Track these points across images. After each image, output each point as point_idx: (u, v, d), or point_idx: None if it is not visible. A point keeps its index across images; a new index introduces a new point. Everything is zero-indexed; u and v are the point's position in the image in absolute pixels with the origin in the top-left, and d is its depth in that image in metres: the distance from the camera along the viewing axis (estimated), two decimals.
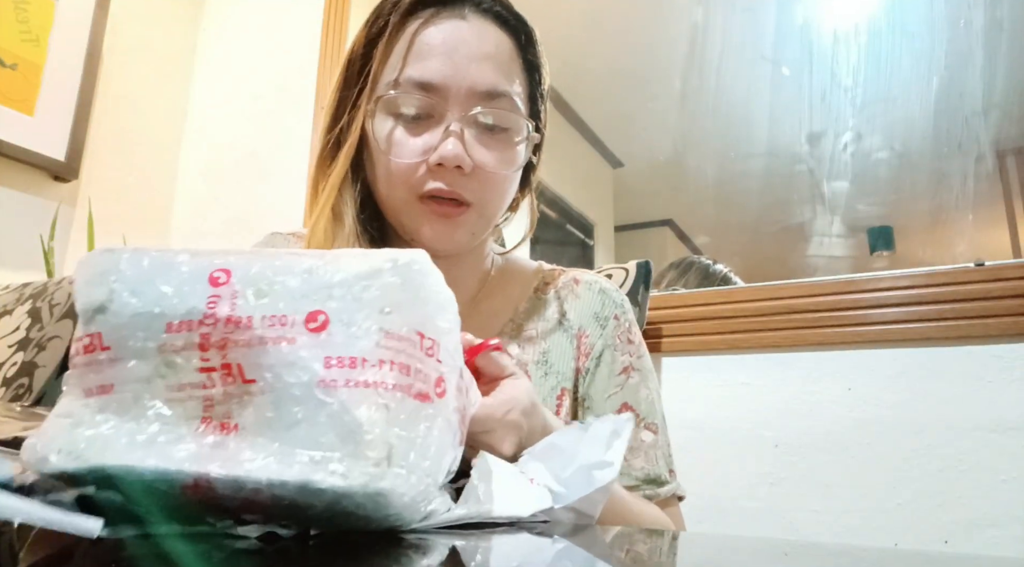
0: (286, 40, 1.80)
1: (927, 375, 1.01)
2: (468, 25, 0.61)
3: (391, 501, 0.28)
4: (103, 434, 0.27)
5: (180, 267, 0.29)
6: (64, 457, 0.27)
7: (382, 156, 0.61)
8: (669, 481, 0.66)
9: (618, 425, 0.42)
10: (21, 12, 1.52)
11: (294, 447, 0.27)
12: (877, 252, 2.48)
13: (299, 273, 0.29)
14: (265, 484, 0.26)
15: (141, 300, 0.28)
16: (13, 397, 0.92)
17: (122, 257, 0.29)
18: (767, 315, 1.13)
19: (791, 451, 1.07)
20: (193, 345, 0.28)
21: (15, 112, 1.50)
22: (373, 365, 0.28)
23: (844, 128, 2.30)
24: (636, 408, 0.67)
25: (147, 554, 0.26)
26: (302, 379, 0.27)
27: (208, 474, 0.26)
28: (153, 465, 0.26)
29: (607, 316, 0.70)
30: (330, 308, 0.28)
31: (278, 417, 0.27)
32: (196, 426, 0.27)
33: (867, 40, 2.14)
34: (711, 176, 2.82)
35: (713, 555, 0.36)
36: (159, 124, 1.86)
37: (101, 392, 0.28)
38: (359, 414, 0.27)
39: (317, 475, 0.26)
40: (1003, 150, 2.01)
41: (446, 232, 0.61)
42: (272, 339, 0.28)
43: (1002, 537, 0.91)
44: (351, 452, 0.27)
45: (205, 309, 0.28)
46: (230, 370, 0.27)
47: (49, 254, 1.45)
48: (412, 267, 0.31)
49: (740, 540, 0.58)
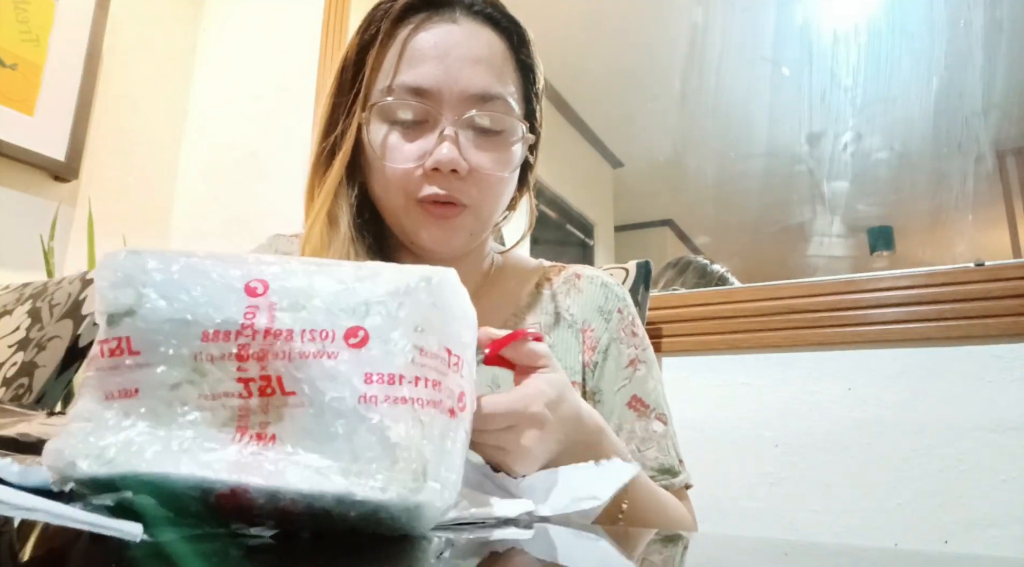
0: (286, 40, 1.80)
1: (927, 375, 1.01)
2: (459, 28, 0.61)
3: (425, 513, 0.28)
4: (135, 440, 0.27)
5: (210, 274, 0.29)
6: (93, 462, 0.26)
7: (378, 162, 0.61)
8: (681, 471, 0.66)
9: (623, 471, 0.44)
10: (21, 12, 1.52)
11: (334, 460, 0.27)
12: (877, 252, 2.48)
13: (335, 287, 0.30)
14: (305, 495, 0.26)
15: (172, 306, 0.28)
16: (13, 397, 0.92)
17: (148, 260, 0.29)
18: (767, 315, 1.13)
19: (791, 451, 1.07)
20: (230, 355, 0.28)
21: (15, 112, 1.50)
22: (409, 382, 0.29)
23: (844, 128, 2.30)
24: (645, 399, 0.67)
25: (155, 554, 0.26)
26: (343, 393, 0.28)
27: (248, 484, 0.26)
28: (189, 473, 0.26)
29: (611, 310, 0.71)
30: (369, 325, 0.29)
31: (318, 429, 0.27)
32: (232, 435, 0.28)
33: (867, 40, 2.14)
34: (711, 176, 2.82)
35: (713, 555, 0.36)
36: (159, 124, 1.86)
37: (124, 396, 0.28)
38: (398, 429, 0.28)
39: (357, 488, 0.27)
40: (1003, 150, 2.00)
41: (444, 235, 0.61)
42: (313, 353, 0.28)
43: (1002, 537, 0.91)
44: (390, 466, 0.27)
45: (243, 319, 0.28)
46: (269, 381, 0.28)
47: (49, 254, 1.45)
48: (444, 286, 0.32)
49: (740, 540, 0.58)
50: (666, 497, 0.60)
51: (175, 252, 0.30)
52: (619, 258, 3.01)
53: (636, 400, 0.67)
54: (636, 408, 0.67)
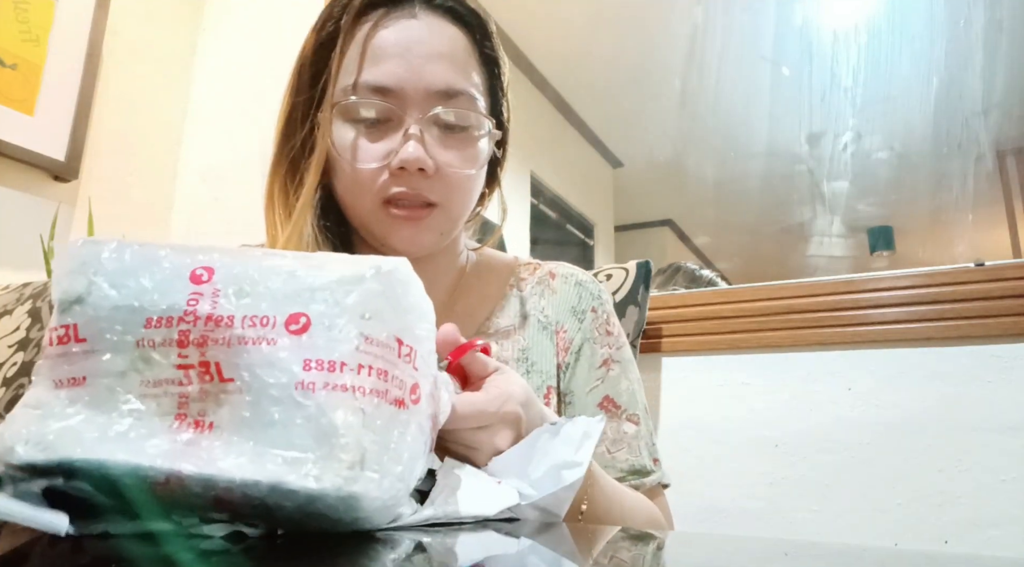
0: (286, 40, 1.80)
1: (927, 375, 1.01)
2: (419, 23, 0.60)
3: (362, 504, 0.28)
4: (73, 427, 0.27)
5: (162, 262, 0.29)
6: (32, 448, 0.26)
7: (343, 163, 0.60)
8: (654, 471, 0.65)
9: (589, 427, 0.43)
10: (21, 12, 1.52)
11: (269, 447, 0.27)
12: (877, 252, 2.48)
13: (282, 274, 0.29)
14: (238, 483, 0.26)
15: (120, 293, 0.28)
16: (13, 397, 0.92)
17: (104, 249, 0.29)
18: (767, 315, 1.13)
19: (791, 451, 1.07)
20: (171, 341, 0.28)
21: (15, 112, 1.49)
22: (352, 369, 0.28)
23: (844, 128, 2.30)
24: (617, 400, 0.66)
25: (112, 555, 0.26)
26: (280, 380, 0.27)
27: (180, 471, 0.26)
28: (124, 460, 0.26)
29: (584, 310, 0.70)
30: (312, 311, 0.28)
31: (254, 417, 0.27)
32: (170, 423, 0.27)
33: (867, 40, 2.14)
34: (711, 176, 2.82)
35: (713, 555, 0.36)
36: (159, 124, 1.86)
37: (73, 384, 0.28)
38: (335, 417, 0.27)
39: (290, 476, 0.26)
40: (1003, 150, 2.01)
41: (413, 235, 0.60)
42: (252, 339, 0.28)
43: (1002, 537, 0.91)
44: (325, 455, 0.27)
45: (185, 306, 0.28)
46: (208, 368, 0.27)
47: (49, 254, 1.45)
48: (394, 275, 0.31)
49: (740, 540, 0.58)
50: (632, 497, 0.59)
51: (132, 241, 0.30)
52: (619, 258, 3.01)
53: (608, 401, 0.66)
54: (608, 409, 0.66)
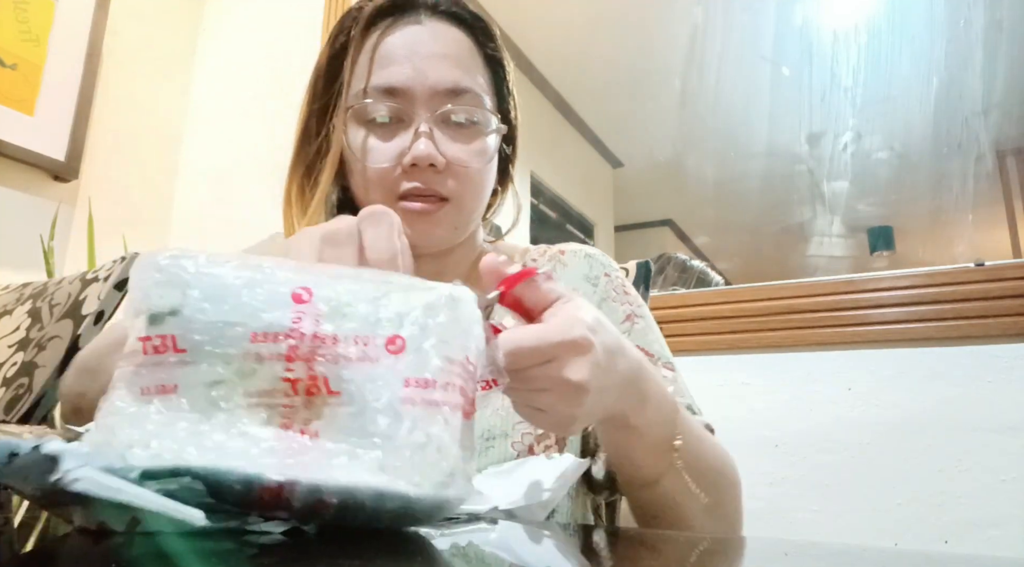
0: (286, 40, 1.80)
1: (927, 375, 1.01)
2: (425, 28, 0.64)
3: (452, 507, 0.31)
4: (179, 435, 0.29)
5: (261, 279, 0.32)
6: (144, 455, 0.28)
7: (358, 164, 0.63)
8: (700, 412, 0.65)
9: (572, 466, 0.47)
10: (21, 12, 1.52)
11: (372, 456, 0.29)
12: (877, 252, 2.48)
13: (375, 298, 0.33)
14: (345, 489, 0.28)
15: (220, 307, 0.31)
16: (13, 397, 0.92)
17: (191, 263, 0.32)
18: (767, 315, 1.13)
19: (791, 451, 1.07)
20: (279, 355, 0.30)
21: (15, 112, 1.50)
22: (441, 387, 0.32)
23: (844, 128, 2.30)
24: (649, 349, 0.65)
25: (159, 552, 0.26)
26: (383, 395, 0.30)
27: (293, 478, 0.28)
28: (237, 467, 0.28)
29: (596, 275, 0.70)
30: (405, 334, 0.32)
31: (359, 428, 0.30)
32: (276, 432, 0.29)
33: (867, 40, 2.15)
34: (711, 176, 2.82)
35: (713, 555, 0.36)
36: (159, 124, 1.86)
37: (162, 392, 0.29)
38: (431, 430, 0.30)
39: (396, 483, 0.29)
40: (1003, 150, 2.01)
41: (427, 229, 0.62)
42: (356, 357, 0.31)
43: (1002, 537, 0.91)
44: (425, 463, 0.30)
45: (290, 324, 0.31)
46: (316, 381, 0.30)
47: (49, 254, 1.45)
48: (463, 302, 0.35)
49: (740, 540, 0.58)
50: (709, 435, 0.59)
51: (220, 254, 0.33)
52: (619, 258, 3.01)
53: (640, 350, 0.66)
54: None
